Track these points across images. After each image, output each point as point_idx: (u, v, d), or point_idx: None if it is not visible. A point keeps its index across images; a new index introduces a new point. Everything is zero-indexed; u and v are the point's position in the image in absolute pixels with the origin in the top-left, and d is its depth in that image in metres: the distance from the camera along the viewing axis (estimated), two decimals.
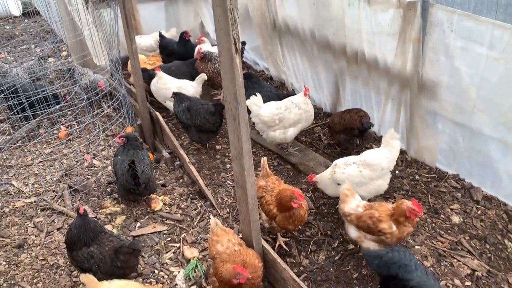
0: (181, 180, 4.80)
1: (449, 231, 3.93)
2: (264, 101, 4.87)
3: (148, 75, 5.84)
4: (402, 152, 4.96)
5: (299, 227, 3.73)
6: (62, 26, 6.28)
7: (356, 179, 3.82)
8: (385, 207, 3.37)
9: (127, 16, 4.71)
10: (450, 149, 4.48)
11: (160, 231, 4.05)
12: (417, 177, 4.60)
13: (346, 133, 4.71)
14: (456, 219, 4.04)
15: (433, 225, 4.00)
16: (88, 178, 4.78)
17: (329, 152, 5.11)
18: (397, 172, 4.68)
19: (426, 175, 4.62)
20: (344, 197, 3.55)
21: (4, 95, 5.50)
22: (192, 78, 5.95)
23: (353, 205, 3.50)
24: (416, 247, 3.78)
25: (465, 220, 4.04)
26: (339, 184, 3.85)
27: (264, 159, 3.90)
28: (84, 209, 3.37)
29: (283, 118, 4.67)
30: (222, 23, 2.37)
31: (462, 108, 4.10)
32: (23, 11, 10.48)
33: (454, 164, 4.54)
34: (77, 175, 4.85)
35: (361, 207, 3.47)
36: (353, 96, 5.30)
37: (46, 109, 5.35)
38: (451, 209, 4.17)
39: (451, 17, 3.76)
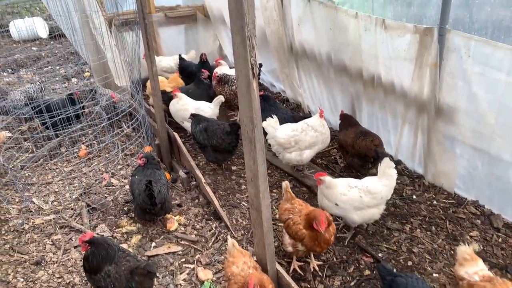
0: (196, 201, 4.83)
1: None
2: (280, 123, 4.92)
3: (167, 97, 5.98)
4: (420, 177, 4.90)
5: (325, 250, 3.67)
6: (86, 49, 6.51)
7: (355, 203, 3.82)
8: (505, 286, 2.99)
9: (148, 40, 4.87)
10: (469, 174, 4.40)
11: (175, 252, 4.07)
12: (434, 202, 4.53)
13: (360, 158, 4.71)
14: (475, 247, 3.94)
15: (452, 252, 3.90)
16: (106, 197, 4.86)
17: (345, 175, 5.07)
18: (414, 196, 4.62)
19: (444, 200, 4.54)
20: (463, 260, 3.25)
21: (29, 114, 5.70)
22: (209, 99, 6.06)
23: (471, 270, 3.18)
24: (434, 274, 3.68)
25: (485, 248, 3.93)
26: (336, 205, 3.86)
27: (286, 183, 3.94)
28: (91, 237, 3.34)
29: (299, 140, 4.71)
30: (240, 49, 2.44)
31: (480, 133, 4.05)
32: (50, 34, 10.91)
33: (473, 190, 4.46)
34: (95, 194, 4.93)
35: (479, 276, 3.13)
36: (369, 119, 5.30)
37: (68, 128, 5.50)
38: (471, 236, 4.07)
39: (468, 43, 3.78)
